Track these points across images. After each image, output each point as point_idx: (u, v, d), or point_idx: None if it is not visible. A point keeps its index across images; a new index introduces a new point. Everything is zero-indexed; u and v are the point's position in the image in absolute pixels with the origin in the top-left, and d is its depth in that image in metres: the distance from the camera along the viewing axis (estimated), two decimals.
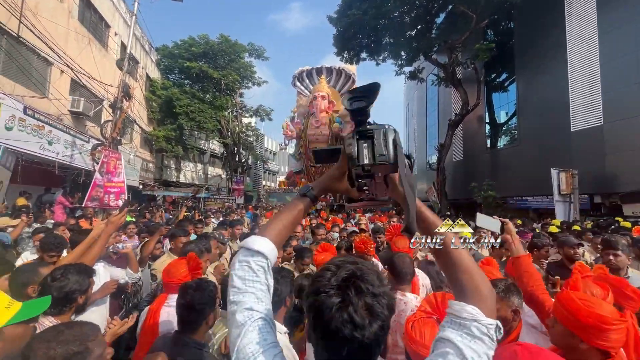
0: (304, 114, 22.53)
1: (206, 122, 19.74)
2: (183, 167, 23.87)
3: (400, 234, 3.00)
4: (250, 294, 0.74)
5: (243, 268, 0.77)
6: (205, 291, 1.61)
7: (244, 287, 0.75)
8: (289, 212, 0.87)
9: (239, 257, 0.80)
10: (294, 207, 0.88)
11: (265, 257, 0.79)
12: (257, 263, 0.78)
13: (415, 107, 34.23)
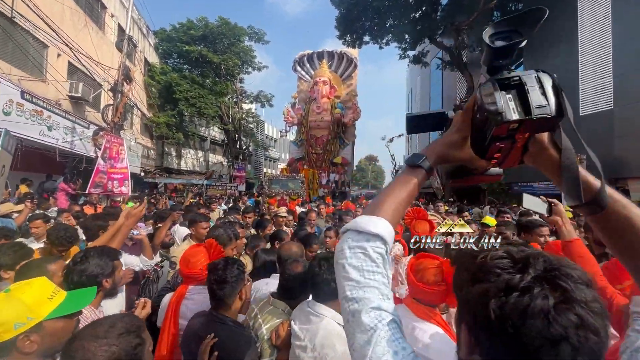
0: (305, 100, 22.14)
1: (207, 108, 19.39)
2: (184, 154, 23.63)
3: (421, 218, 2.87)
4: (372, 288, 0.60)
5: (357, 256, 0.63)
6: (234, 265, 1.62)
7: (364, 280, 0.61)
8: (403, 187, 0.71)
9: (348, 242, 0.66)
10: (406, 180, 0.72)
11: (385, 241, 0.65)
12: (375, 249, 0.64)
13: (418, 92, 33.75)
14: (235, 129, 23.63)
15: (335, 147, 21.25)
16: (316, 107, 21.14)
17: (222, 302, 1.57)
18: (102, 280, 1.60)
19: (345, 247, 0.66)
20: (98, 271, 1.58)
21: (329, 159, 20.99)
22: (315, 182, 20.08)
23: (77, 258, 1.60)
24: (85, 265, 1.56)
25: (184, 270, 1.84)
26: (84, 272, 1.54)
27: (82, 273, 1.54)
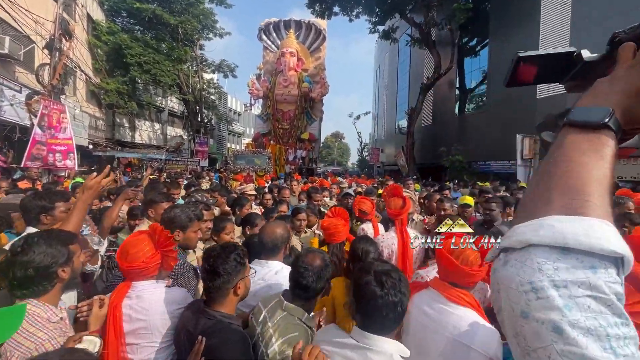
0: (272, 72, 21.11)
1: (163, 75, 17.74)
2: (138, 126, 21.77)
3: (395, 195, 2.75)
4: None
5: (585, 306, 0.32)
6: (231, 255, 1.38)
7: (606, 354, 0.31)
8: (599, 160, 0.39)
9: (550, 274, 0.34)
10: (596, 149, 0.40)
11: (624, 264, 0.34)
12: (611, 286, 0.33)
13: (386, 69, 33.71)
14: (196, 100, 22.09)
15: (303, 122, 20.75)
16: (283, 79, 20.26)
17: (212, 295, 1.38)
18: (57, 270, 1.32)
19: (548, 285, 0.34)
20: (48, 261, 1.29)
21: (296, 135, 20.50)
22: (282, 159, 19.63)
23: (16, 248, 1.31)
24: (29, 256, 1.27)
25: (123, 265, 1.48)
26: (29, 265, 1.25)
27: (27, 266, 1.25)
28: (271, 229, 1.89)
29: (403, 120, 23.76)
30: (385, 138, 33.34)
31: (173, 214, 1.92)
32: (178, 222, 1.89)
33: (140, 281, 1.50)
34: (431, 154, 19.92)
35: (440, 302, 1.32)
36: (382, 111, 35.86)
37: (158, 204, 2.48)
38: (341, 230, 2.29)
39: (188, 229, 1.93)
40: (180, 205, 2.06)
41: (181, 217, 1.91)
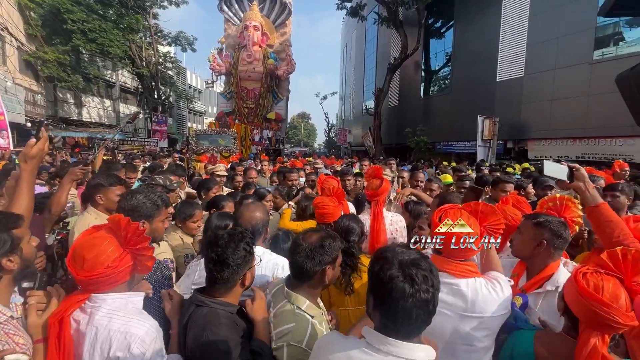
0: (234, 46, 19.89)
1: (112, 45, 16.04)
2: (85, 102, 19.76)
3: (375, 176, 2.67)
4: None
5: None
6: (241, 243, 1.24)
7: None
8: None
9: None
10: None
11: None
12: None
13: (353, 48, 33.31)
14: (152, 75, 20.40)
15: (269, 101, 20.02)
16: (247, 55, 19.20)
17: (217, 287, 1.24)
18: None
19: None
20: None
21: (262, 114, 19.79)
22: (248, 139, 18.94)
23: None
24: None
25: (79, 275, 1.05)
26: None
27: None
28: (250, 213, 1.69)
29: (370, 101, 23.82)
30: (353, 119, 33.41)
31: (136, 201, 1.54)
32: (143, 211, 1.53)
33: (104, 293, 1.08)
34: (397, 134, 20.30)
35: (447, 280, 1.21)
36: (350, 91, 35.71)
37: (108, 189, 2.11)
38: (331, 211, 2.17)
39: (155, 219, 1.58)
40: (142, 190, 1.63)
41: (146, 204, 1.55)
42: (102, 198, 2.12)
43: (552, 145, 12.69)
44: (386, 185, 2.54)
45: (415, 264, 0.89)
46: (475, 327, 1.17)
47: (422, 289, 0.85)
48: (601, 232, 1.46)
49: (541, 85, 12.75)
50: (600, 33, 11.60)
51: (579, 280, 0.98)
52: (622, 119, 10.68)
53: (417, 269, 0.87)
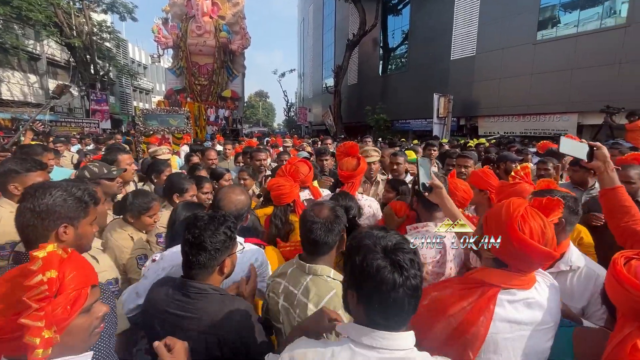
0: (181, 17, 18.20)
1: (31, 10, 13.79)
2: (4, 77, 17.11)
3: (350, 154, 2.51)
4: None
5: None
6: (222, 226, 1.15)
7: None
8: None
9: None
10: None
11: None
12: None
13: (311, 22, 32.26)
14: (85, 47, 18.07)
15: (223, 78, 18.86)
16: (196, 27, 17.70)
17: (193, 272, 1.15)
18: None
19: None
20: None
21: (217, 92, 18.66)
22: (202, 119, 17.82)
23: None
24: None
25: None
26: None
27: None
28: (233, 196, 1.53)
29: (330, 79, 23.48)
30: (312, 97, 32.88)
31: (51, 198, 1.11)
32: (63, 211, 1.13)
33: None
34: (357, 113, 20.37)
35: (520, 297, 1.00)
36: (309, 69, 34.89)
37: (26, 175, 1.73)
38: (286, 191, 2.00)
39: (79, 223, 1.17)
40: (59, 183, 1.18)
41: (67, 201, 1.14)
42: (18, 187, 1.73)
43: (500, 122, 13.53)
44: (363, 165, 2.38)
45: (399, 247, 0.80)
46: (551, 337, 1.02)
47: (411, 274, 0.77)
48: (612, 216, 1.39)
49: (491, 64, 13.36)
50: (542, 16, 12.30)
51: (617, 265, 0.87)
52: (558, 96, 11.66)
53: (403, 253, 0.79)
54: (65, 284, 0.69)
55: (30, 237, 1.10)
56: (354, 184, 2.31)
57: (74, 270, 0.72)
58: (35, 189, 1.14)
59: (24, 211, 1.10)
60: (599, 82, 10.67)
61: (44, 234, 1.09)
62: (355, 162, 2.39)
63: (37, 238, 1.08)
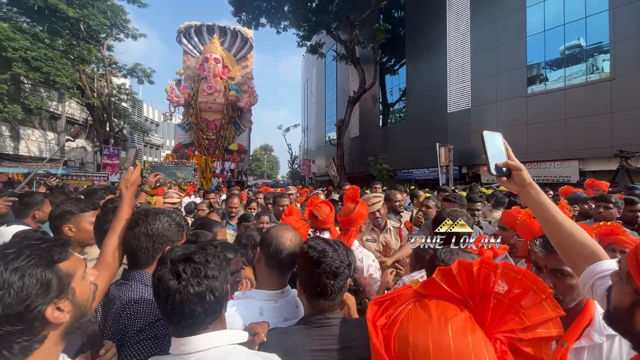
0: (193, 78, 19.79)
1: (59, 75, 15.04)
2: (24, 135, 18.04)
3: (350, 199, 2.46)
4: None
5: None
6: (158, 222, 1.23)
7: None
8: None
9: None
10: None
11: None
12: None
13: (314, 82, 34.65)
14: (104, 107, 19.32)
15: (230, 133, 19.80)
16: (207, 87, 19.12)
17: (327, 304, 1.12)
18: (40, 309, 0.72)
19: None
20: (18, 298, 0.71)
21: (224, 146, 19.42)
22: (209, 171, 18.30)
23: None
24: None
25: None
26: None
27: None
28: (286, 235, 1.34)
29: (332, 132, 24.49)
30: (316, 150, 33.96)
31: (160, 225, 1.28)
32: (169, 235, 1.29)
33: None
34: (360, 163, 20.84)
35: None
36: (312, 124, 36.60)
37: (80, 216, 1.75)
38: (299, 231, 1.95)
39: (178, 243, 1.30)
40: (162, 210, 1.40)
41: (171, 227, 1.29)
42: (72, 229, 1.72)
43: None
44: (360, 210, 2.13)
45: (187, 258, 0.87)
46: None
47: (191, 282, 0.83)
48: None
49: (486, 115, 13.99)
50: (529, 73, 13.19)
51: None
52: (555, 144, 11.96)
53: (187, 263, 0.86)
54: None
55: (140, 259, 1.21)
56: (350, 231, 2.07)
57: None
58: (146, 215, 1.27)
59: (139, 235, 1.22)
60: (594, 130, 11.05)
61: (154, 256, 1.20)
62: (352, 207, 2.15)
63: (147, 260, 1.21)
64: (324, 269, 1.06)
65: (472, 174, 14.90)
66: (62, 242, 0.83)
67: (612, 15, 10.88)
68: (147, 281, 1.16)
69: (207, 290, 0.84)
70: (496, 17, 13.74)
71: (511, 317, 0.72)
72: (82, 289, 0.83)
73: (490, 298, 0.73)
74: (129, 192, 1.44)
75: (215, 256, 0.92)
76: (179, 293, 0.82)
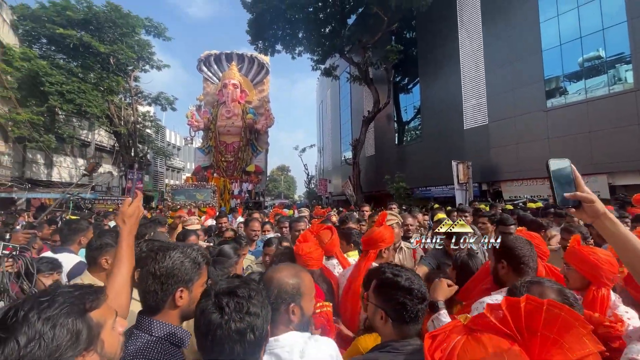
0: (212, 103, 20.61)
1: (90, 106, 16.09)
2: (57, 162, 19.16)
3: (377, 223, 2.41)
4: None
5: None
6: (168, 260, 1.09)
7: None
8: None
9: None
10: None
11: None
12: None
13: (329, 104, 35.31)
14: (129, 134, 20.36)
15: (248, 154, 20.26)
16: (226, 111, 19.83)
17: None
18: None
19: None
20: (45, 352, 0.66)
21: (241, 167, 19.85)
22: (227, 192, 18.65)
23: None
24: (10, 349, 0.63)
25: None
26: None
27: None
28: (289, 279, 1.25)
29: (348, 152, 24.63)
30: (332, 169, 34.12)
31: (170, 262, 1.12)
32: (180, 275, 1.12)
33: None
34: (376, 182, 20.71)
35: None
36: (327, 143, 36.99)
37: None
38: (315, 256, 1.91)
39: (195, 283, 1.17)
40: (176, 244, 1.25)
41: (183, 265, 1.14)
42: (109, 261, 1.76)
43: (524, 186, 13.25)
44: (383, 232, 2.02)
45: (231, 292, 0.86)
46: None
47: (233, 318, 0.82)
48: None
49: (505, 130, 13.72)
50: (548, 86, 12.96)
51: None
52: (580, 158, 11.50)
53: (231, 297, 0.85)
54: None
55: (148, 304, 1.07)
56: (368, 254, 1.98)
57: None
58: (156, 252, 1.12)
59: (146, 276, 1.08)
60: (621, 142, 10.59)
61: (164, 300, 1.06)
62: (376, 228, 2.09)
63: (156, 305, 1.06)
64: (415, 294, 1.08)
65: (493, 191, 14.48)
66: (94, 290, 0.80)
67: (631, 26, 10.67)
68: (156, 331, 1.04)
69: (248, 328, 0.82)
70: (509, 33, 13.74)
71: (556, 352, 0.77)
72: (111, 340, 0.79)
73: (537, 333, 0.79)
74: (126, 227, 1.26)
75: (258, 292, 0.89)
76: (220, 328, 0.80)
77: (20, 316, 0.64)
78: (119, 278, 1.15)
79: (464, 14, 15.69)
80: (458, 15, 15.88)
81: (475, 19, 15.11)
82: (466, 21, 15.60)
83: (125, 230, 1.25)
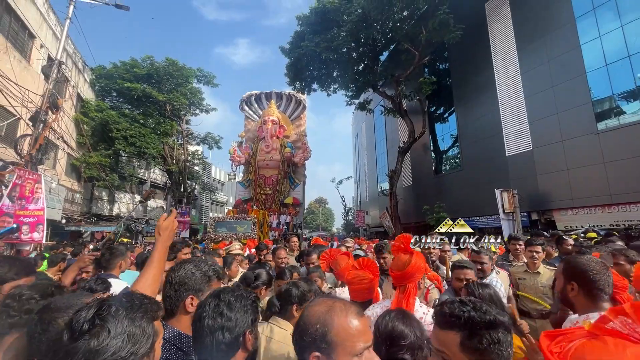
0: (253, 139, 21.96)
1: (148, 147, 18.05)
2: (118, 198, 21.28)
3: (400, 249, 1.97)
4: None
5: None
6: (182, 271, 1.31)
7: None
8: None
9: None
10: None
11: None
12: None
13: (364, 136, 35.85)
14: (180, 171, 22.23)
15: (286, 187, 20.93)
16: (265, 146, 20.98)
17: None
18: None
19: None
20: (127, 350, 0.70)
21: (279, 200, 20.48)
22: (266, 225, 19.20)
23: (80, 323, 0.67)
24: (100, 340, 0.66)
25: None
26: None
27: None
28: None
29: (385, 183, 24.48)
30: (369, 200, 33.83)
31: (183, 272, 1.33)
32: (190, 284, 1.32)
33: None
34: (415, 213, 20.13)
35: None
36: (364, 175, 37.07)
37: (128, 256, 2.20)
38: (367, 285, 1.84)
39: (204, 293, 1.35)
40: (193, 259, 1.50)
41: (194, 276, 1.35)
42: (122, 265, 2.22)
43: (580, 215, 12.17)
44: (417, 261, 1.72)
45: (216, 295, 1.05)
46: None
47: (210, 315, 0.99)
48: None
49: (553, 155, 12.95)
50: (598, 107, 12.21)
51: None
52: None
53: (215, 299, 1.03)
54: None
55: (167, 307, 1.23)
56: (409, 288, 1.65)
57: None
58: (177, 264, 1.35)
59: (165, 284, 1.30)
60: None
61: (177, 305, 1.23)
62: (406, 258, 1.75)
63: (171, 309, 1.23)
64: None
65: (545, 220, 13.41)
66: (157, 302, 0.85)
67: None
68: (165, 334, 1.12)
69: (220, 328, 0.95)
70: (548, 57, 13.41)
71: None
72: (159, 352, 0.82)
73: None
74: (161, 238, 1.48)
75: (240, 300, 1.02)
76: (199, 321, 0.97)
77: (112, 311, 0.70)
78: (144, 279, 1.32)
79: (497, 43, 15.68)
80: (491, 44, 15.90)
81: (509, 46, 15.01)
82: (499, 49, 15.54)
83: (160, 240, 1.48)
